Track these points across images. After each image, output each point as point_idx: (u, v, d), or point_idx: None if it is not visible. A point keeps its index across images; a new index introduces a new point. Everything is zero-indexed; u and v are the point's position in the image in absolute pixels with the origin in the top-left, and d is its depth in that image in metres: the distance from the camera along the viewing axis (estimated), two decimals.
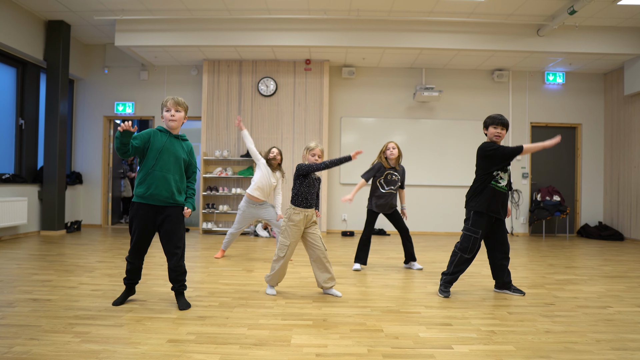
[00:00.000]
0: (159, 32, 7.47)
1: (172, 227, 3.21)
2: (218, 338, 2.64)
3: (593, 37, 7.39)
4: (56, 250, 5.89)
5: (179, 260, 3.24)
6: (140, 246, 3.24)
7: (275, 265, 3.69)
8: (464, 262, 3.79)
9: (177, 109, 3.24)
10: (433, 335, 2.76)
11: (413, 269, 5.02)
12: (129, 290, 3.41)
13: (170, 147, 3.20)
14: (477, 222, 3.74)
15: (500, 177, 3.71)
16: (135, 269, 3.32)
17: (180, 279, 3.29)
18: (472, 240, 3.73)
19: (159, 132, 3.22)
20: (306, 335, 2.72)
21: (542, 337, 2.76)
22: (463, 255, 3.76)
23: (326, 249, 3.71)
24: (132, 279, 3.36)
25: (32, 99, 7.56)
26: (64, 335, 2.64)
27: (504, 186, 3.72)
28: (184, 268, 3.30)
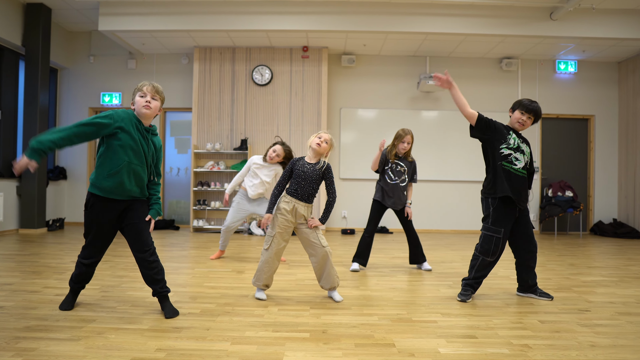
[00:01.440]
0: (145, 15, 6.97)
1: (139, 222, 2.75)
2: (193, 356, 2.14)
3: (610, 21, 6.90)
4: (30, 249, 5.39)
5: (151, 256, 2.73)
6: (98, 244, 2.78)
7: (260, 260, 3.19)
8: (487, 266, 3.28)
9: (155, 96, 2.73)
10: (456, 351, 2.27)
11: (422, 269, 4.52)
12: (75, 295, 2.93)
13: (145, 138, 2.74)
14: (498, 220, 3.22)
15: (515, 156, 3.20)
16: (88, 272, 2.84)
17: (159, 279, 2.77)
18: (495, 241, 3.22)
19: (131, 122, 2.69)
20: (301, 352, 2.22)
21: (589, 353, 2.27)
22: (485, 259, 3.25)
23: (325, 246, 3.17)
24: (82, 282, 2.88)
25: (10, 87, 7.05)
26: (4, 353, 2.13)
27: (522, 169, 3.21)
28: (160, 265, 2.80)
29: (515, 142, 3.22)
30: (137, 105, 2.72)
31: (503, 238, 3.20)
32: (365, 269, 4.49)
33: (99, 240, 2.78)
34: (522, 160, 3.22)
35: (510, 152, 3.20)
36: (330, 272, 3.18)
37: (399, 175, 4.42)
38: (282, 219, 3.15)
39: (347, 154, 8.22)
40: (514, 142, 3.21)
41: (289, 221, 3.16)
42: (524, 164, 3.22)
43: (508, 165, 3.20)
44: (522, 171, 3.22)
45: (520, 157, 3.21)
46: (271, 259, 3.17)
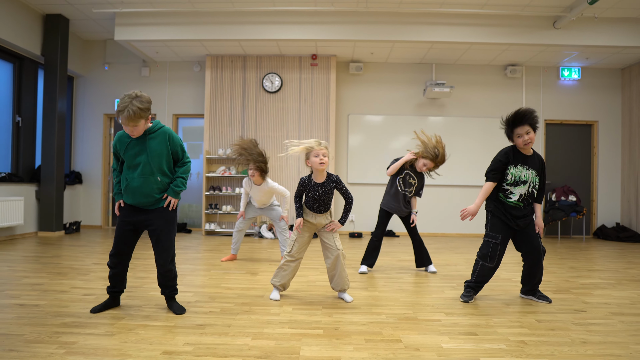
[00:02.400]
0: (160, 25, 7.22)
1: (159, 229, 2.94)
2: (219, 349, 2.36)
3: (612, 29, 7.08)
4: (52, 252, 5.64)
5: (166, 265, 2.96)
6: (121, 248, 2.97)
7: (281, 261, 3.46)
8: (488, 272, 3.47)
9: (134, 124, 2.73)
10: (457, 347, 2.47)
11: (428, 272, 4.72)
12: (113, 300, 3.10)
13: (143, 149, 2.86)
14: (495, 227, 3.42)
15: (511, 192, 3.39)
16: (119, 273, 3.03)
17: (170, 285, 3.03)
18: (492, 247, 3.41)
19: (125, 136, 2.88)
20: (317, 347, 2.44)
21: (580, 349, 2.47)
22: (484, 263, 3.45)
23: (340, 249, 3.37)
24: (115, 286, 3.05)
25: (29, 95, 7.32)
26: (48, 345, 2.37)
27: (517, 201, 3.37)
28: (174, 272, 3.04)
29: (512, 177, 3.36)
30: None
31: (500, 244, 3.38)
32: (373, 271, 4.69)
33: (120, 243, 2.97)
34: (518, 193, 3.36)
35: (507, 188, 3.39)
36: (342, 274, 3.39)
37: (409, 186, 4.59)
38: (304, 228, 3.39)
39: (354, 160, 8.43)
40: (512, 177, 3.37)
41: (309, 228, 3.40)
42: (518, 196, 3.36)
43: (502, 197, 3.41)
44: (517, 203, 3.37)
45: (516, 191, 3.36)
46: (290, 262, 3.42)
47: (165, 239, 2.96)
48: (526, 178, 3.36)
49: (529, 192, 3.38)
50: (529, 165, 3.38)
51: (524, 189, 3.37)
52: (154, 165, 2.88)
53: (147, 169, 2.86)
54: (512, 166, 3.37)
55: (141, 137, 2.87)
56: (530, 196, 3.39)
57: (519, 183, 3.36)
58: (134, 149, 2.86)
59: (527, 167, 3.37)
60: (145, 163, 2.86)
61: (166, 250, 2.96)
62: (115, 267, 2.99)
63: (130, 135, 2.83)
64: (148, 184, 2.87)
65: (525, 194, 3.37)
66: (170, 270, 2.99)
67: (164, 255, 2.95)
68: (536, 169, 3.40)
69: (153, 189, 2.89)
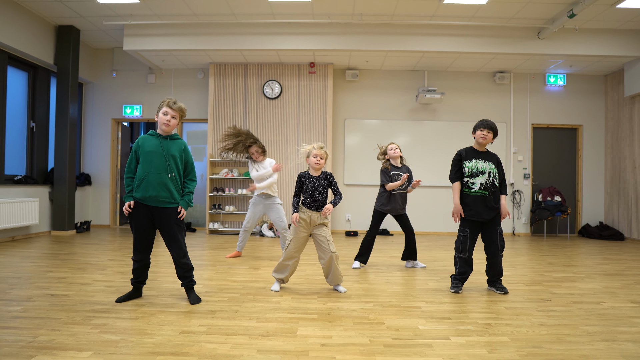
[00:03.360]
0: (166, 36, 7.65)
1: (170, 229, 3.33)
2: (228, 329, 2.80)
3: (593, 40, 7.52)
4: (68, 249, 6.06)
5: (181, 259, 3.36)
6: (142, 244, 3.36)
7: (281, 257, 3.88)
8: (465, 263, 3.92)
9: (174, 115, 3.29)
10: (432, 328, 2.91)
11: (417, 267, 5.14)
12: (136, 290, 3.49)
13: (164, 149, 3.27)
14: (464, 221, 3.92)
15: (471, 182, 3.87)
16: (142, 266, 3.42)
17: (187, 275, 3.43)
18: (462, 239, 3.92)
19: (148, 137, 3.32)
20: (311, 327, 2.87)
21: (536, 329, 2.90)
22: (458, 254, 3.94)
23: (333, 251, 3.76)
24: (139, 276, 3.44)
25: (43, 102, 7.75)
26: (83, 326, 2.80)
27: (479, 190, 3.85)
28: (190, 265, 3.43)
29: (469, 169, 3.89)
30: (159, 120, 3.30)
31: (469, 237, 3.88)
32: (366, 267, 5.12)
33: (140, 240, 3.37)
34: (478, 182, 3.86)
35: (467, 180, 3.91)
36: (335, 272, 3.83)
37: (403, 186, 5.04)
38: (300, 228, 3.80)
39: (350, 162, 8.86)
40: (469, 170, 3.89)
41: (305, 228, 3.80)
42: (479, 185, 3.86)
43: (467, 191, 3.91)
44: (481, 191, 3.86)
45: (476, 180, 3.87)
46: (288, 258, 3.84)
47: (177, 237, 3.35)
48: (483, 169, 3.88)
49: (490, 182, 3.87)
50: (484, 158, 3.93)
51: (483, 178, 3.86)
52: (170, 163, 3.27)
53: (162, 167, 3.25)
54: (467, 161, 3.93)
55: (163, 139, 3.30)
56: (492, 185, 3.87)
57: (477, 174, 3.87)
58: (154, 147, 3.26)
59: (482, 160, 3.92)
60: (161, 161, 3.25)
61: (180, 247, 3.36)
62: (140, 261, 3.39)
63: (163, 126, 3.27)
64: (161, 180, 3.24)
65: (487, 183, 3.86)
66: (186, 264, 3.39)
67: (178, 250, 3.36)
68: (493, 162, 3.93)
69: (168, 183, 3.26)
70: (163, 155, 3.26)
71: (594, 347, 2.59)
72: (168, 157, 3.27)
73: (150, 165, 3.24)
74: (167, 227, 3.33)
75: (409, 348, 2.55)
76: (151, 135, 3.33)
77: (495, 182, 3.90)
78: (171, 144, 3.32)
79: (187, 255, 3.43)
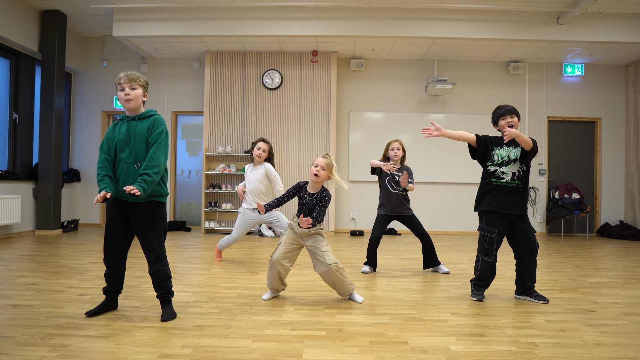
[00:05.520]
0: (159, 21, 7.12)
1: (143, 226, 2.77)
2: (218, 352, 2.27)
3: (617, 25, 6.99)
4: (49, 250, 5.55)
5: (154, 264, 2.77)
6: (111, 247, 2.82)
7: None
8: (488, 268, 3.40)
9: (132, 85, 2.75)
10: (466, 349, 2.38)
11: (439, 272, 4.60)
12: (110, 301, 2.94)
13: (133, 134, 2.73)
14: (491, 220, 3.37)
15: (502, 171, 3.34)
16: (115, 273, 2.87)
17: (162, 285, 2.82)
18: (489, 241, 3.37)
19: (119, 122, 2.79)
20: (319, 349, 2.34)
21: (593, 351, 2.38)
22: (484, 259, 3.40)
23: (330, 264, 3.16)
24: (112, 285, 2.89)
25: (26, 92, 7.23)
26: (40, 348, 2.27)
27: (510, 180, 3.33)
28: (165, 273, 2.81)
29: (499, 157, 3.38)
30: (120, 100, 2.77)
31: (497, 237, 3.35)
32: (376, 272, 4.58)
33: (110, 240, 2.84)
34: (510, 172, 3.34)
35: (495, 168, 3.38)
36: (341, 284, 3.25)
37: (398, 184, 4.51)
38: (290, 232, 3.29)
39: (355, 157, 8.34)
40: (498, 158, 3.38)
41: (294, 232, 3.28)
42: (511, 175, 3.34)
43: (495, 181, 3.38)
44: (512, 182, 3.34)
45: (508, 170, 3.34)
46: (274, 266, 3.22)
47: (150, 237, 2.77)
48: (515, 156, 3.36)
49: (523, 171, 3.36)
50: (515, 144, 3.39)
51: (515, 167, 3.34)
52: (137, 152, 2.72)
53: (130, 157, 2.72)
54: (498, 147, 3.42)
55: (130, 122, 2.76)
56: (525, 175, 3.37)
57: (509, 162, 3.35)
58: (121, 134, 2.73)
59: (514, 146, 3.39)
60: (130, 149, 2.72)
61: (152, 249, 2.76)
62: (112, 267, 2.85)
63: (125, 103, 2.74)
64: (130, 171, 2.72)
65: (520, 172, 3.34)
66: (159, 271, 2.78)
67: (150, 254, 2.77)
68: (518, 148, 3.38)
69: (133, 180, 2.70)
70: (129, 142, 2.71)
71: None
72: (136, 143, 2.71)
73: (119, 156, 2.73)
74: (140, 225, 2.77)
75: None
76: (121, 120, 2.79)
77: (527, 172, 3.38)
78: (137, 126, 2.75)
79: (163, 260, 2.81)
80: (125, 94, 2.73)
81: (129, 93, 2.73)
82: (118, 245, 2.83)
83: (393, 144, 4.59)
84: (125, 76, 2.75)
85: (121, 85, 2.75)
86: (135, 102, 2.75)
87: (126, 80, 2.74)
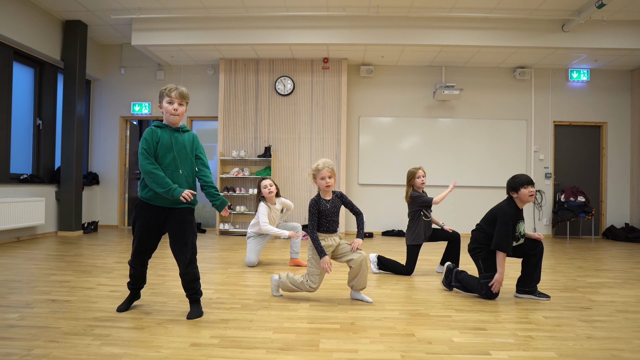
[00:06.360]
0: (175, 30, 7.41)
1: (178, 230, 2.94)
2: (243, 342, 2.53)
3: (621, 32, 7.17)
4: (74, 250, 5.84)
5: (186, 267, 2.94)
6: (143, 250, 3.01)
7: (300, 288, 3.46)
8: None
9: (181, 102, 2.93)
10: (468, 340, 2.62)
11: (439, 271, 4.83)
12: (134, 295, 3.19)
13: (176, 143, 2.92)
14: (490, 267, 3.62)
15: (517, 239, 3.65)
16: (138, 274, 3.09)
17: (191, 287, 3.01)
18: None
19: (158, 130, 2.93)
20: (335, 340, 2.59)
21: (584, 343, 2.60)
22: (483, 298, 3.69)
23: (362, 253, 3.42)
24: (136, 284, 3.13)
25: (49, 99, 7.55)
26: (84, 337, 2.54)
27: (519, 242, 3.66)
28: (195, 275, 3.00)
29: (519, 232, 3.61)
30: (165, 111, 2.92)
31: None
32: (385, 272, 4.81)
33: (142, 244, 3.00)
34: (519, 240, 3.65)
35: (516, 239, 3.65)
36: (364, 273, 3.44)
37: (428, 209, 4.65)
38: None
39: (365, 161, 8.57)
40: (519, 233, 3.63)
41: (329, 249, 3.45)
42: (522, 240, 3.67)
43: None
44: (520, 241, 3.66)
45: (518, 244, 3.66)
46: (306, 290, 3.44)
47: (186, 241, 2.93)
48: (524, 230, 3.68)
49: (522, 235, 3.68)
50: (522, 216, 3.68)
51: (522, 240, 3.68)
52: (181, 159, 2.92)
53: (173, 164, 2.90)
54: (520, 222, 3.62)
55: (172, 131, 2.94)
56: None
57: (520, 238, 3.64)
58: (164, 142, 2.89)
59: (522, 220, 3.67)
60: (173, 157, 2.90)
61: (183, 253, 2.92)
62: (136, 266, 3.04)
63: (172, 117, 2.91)
64: (173, 176, 2.89)
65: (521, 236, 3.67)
66: (188, 273, 2.96)
67: (181, 257, 2.93)
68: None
69: (181, 184, 2.91)
70: (172, 150, 2.91)
71: None
72: (179, 152, 2.93)
73: (162, 161, 2.90)
74: (175, 229, 2.94)
75: None
76: (160, 128, 2.95)
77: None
78: (180, 137, 2.96)
79: (194, 263, 2.98)
80: (174, 109, 2.91)
81: (177, 108, 2.92)
82: (148, 250, 3.03)
83: (419, 172, 4.61)
84: (178, 92, 2.90)
85: (171, 98, 2.90)
86: (180, 117, 2.96)
87: (178, 95, 2.91)
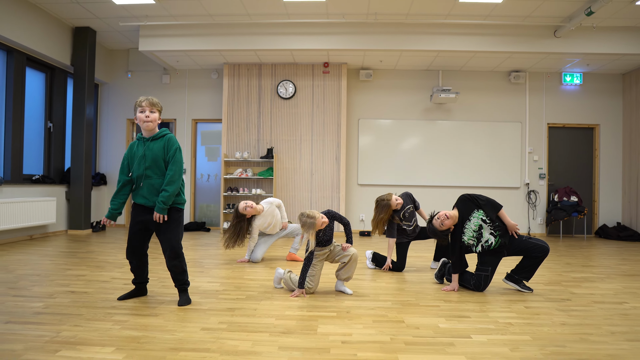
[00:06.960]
0: (181, 37, 7.70)
1: (162, 228, 3.22)
2: (248, 326, 2.80)
3: (611, 38, 7.42)
4: (85, 248, 6.12)
5: (172, 260, 3.23)
6: (132, 244, 3.31)
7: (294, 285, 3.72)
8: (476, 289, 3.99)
9: (152, 109, 3.17)
10: (452, 326, 2.88)
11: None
12: (138, 290, 3.47)
13: (149, 153, 3.17)
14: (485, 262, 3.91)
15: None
16: (135, 268, 3.38)
17: (179, 278, 3.31)
18: (483, 278, 3.89)
19: (137, 142, 3.25)
20: (331, 325, 2.86)
21: (558, 329, 2.87)
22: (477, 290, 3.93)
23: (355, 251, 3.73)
24: (136, 277, 3.43)
25: (60, 103, 7.83)
26: (105, 322, 2.82)
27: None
28: (181, 267, 3.27)
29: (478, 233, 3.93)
30: (139, 120, 3.18)
31: (490, 274, 3.88)
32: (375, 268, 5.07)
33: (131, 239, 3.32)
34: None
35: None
36: (353, 265, 3.73)
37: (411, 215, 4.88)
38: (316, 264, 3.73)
39: (364, 162, 8.85)
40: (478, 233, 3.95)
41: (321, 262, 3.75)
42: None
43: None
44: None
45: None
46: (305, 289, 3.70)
47: (169, 237, 3.21)
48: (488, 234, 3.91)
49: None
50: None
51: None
52: (148, 167, 3.17)
53: (142, 172, 3.18)
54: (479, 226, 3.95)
55: (147, 142, 3.20)
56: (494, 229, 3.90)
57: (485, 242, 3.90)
58: (138, 153, 3.20)
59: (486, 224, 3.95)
60: (142, 166, 3.18)
61: (169, 247, 3.20)
62: (132, 261, 3.35)
63: (145, 124, 3.15)
64: (147, 186, 3.19)
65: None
66: (176, 265, 3.24)
67: (167, 251, 3.21)
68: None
69: (152, 191, 3.19)
70: (143, 160, 3.19)
71: (619, 347, 2.55)
72: (147, 160, 3.17)
73: (134, 170, 3.22)
74: (159, 227, 3.23)
75: (431, 346, 2.53)
76: (138, 140, 3.26)
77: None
78: (153, 145, 3.20)
79: (180, 257, 3.26)
80: (146, 116, 3.16)
81: (149, 115, 3.16)
82: (138, 245, 3.33)
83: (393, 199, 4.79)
84: (147, 100, 3.16)
85: (142, 107, 3.16)
86: (153, 123, 3.19)
87: (147, 104, 3.16)
